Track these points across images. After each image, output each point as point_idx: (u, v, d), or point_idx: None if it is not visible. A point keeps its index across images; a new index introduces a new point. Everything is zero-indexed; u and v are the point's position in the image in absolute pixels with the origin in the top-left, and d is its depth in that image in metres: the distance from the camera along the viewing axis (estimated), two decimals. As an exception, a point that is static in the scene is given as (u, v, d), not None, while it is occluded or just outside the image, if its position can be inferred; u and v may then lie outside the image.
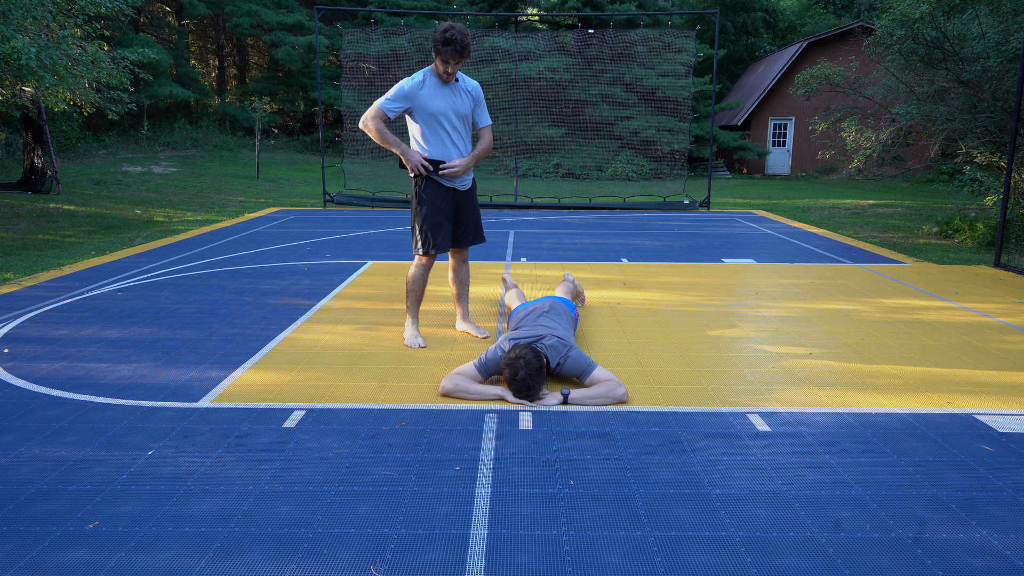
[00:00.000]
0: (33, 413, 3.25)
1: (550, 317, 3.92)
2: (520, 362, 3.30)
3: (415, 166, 4.11)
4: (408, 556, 2.18)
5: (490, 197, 14.10)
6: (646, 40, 20.54)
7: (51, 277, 6.32)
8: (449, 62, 3.92)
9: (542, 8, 27.25)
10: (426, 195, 4.21)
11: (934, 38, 10.07)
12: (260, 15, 25.05)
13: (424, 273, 4.38)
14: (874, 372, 3.91)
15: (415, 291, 4.41)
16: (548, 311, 4.01)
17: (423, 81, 4.05)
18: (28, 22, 8.91)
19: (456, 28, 3.87)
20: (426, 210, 4.21)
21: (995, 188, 10.04)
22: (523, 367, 3.30)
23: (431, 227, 4.22)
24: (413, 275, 4.38)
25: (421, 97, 4.04)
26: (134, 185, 15.67)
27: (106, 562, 2.13)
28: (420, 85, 4.03)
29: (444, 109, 4.08)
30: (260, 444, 2.94)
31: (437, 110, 4.07)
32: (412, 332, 4.41)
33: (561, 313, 4.05)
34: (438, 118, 4.09)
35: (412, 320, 4.44)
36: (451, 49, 3.87)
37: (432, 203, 4.21)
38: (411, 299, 4.43)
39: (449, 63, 3.92)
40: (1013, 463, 2.82)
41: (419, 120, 4.09)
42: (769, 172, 25.76)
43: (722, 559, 2.17)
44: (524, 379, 3.30)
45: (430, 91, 4.06)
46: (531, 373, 3.30)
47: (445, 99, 4.09)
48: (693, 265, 7.25)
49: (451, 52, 3.87)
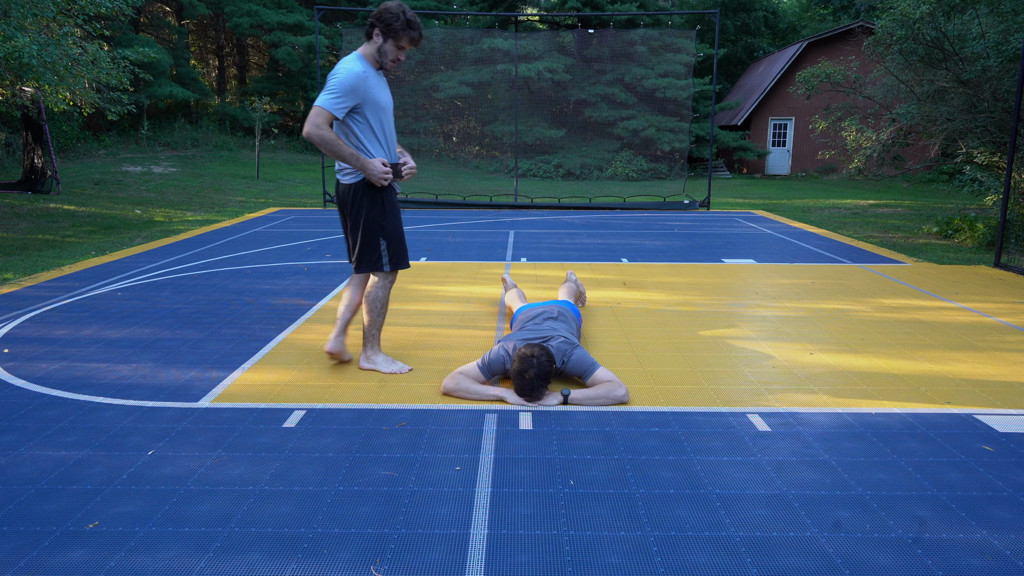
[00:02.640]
0: (33, 413, 3.25)
1: (557, 322, 3.91)
2: (533, 360, 3.30)
3: (381, 178, 3.54)
4: (408, 556, 2.18)
5: (490, 197, 14.09)
6: (646, 40, 20.55)
7: (51, 277, 6.32)
8: (405, 47, 3.52)
9: (542, 8, 27.25)
10: (389, 203, 3.68)
11: (934, 38, 10.07)
12: (260, 15, 25.06)
13: (388, 293, 3.82)
14: (874, 372, 3.91)
15: (384, 314, 3.85)
16: (556, 316, 4.00)
17: (364, 70, 3.48)
18: (28, 21, 8.91)
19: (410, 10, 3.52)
20: (392, 220, 3.70)
21: (995, 188, 10.04)
22: (535, 366, 3.29)
23: (399, 239, 3.73)
24: (382, 298, 3.78)
25: (369, 89, 3.49)
26: (134, 185, 15.67)
27: (106, 562, 2.13)
28: (364, 75, 3.46)
29: (388, 102, 3.64)
30: (260, 444, 2.94)
31: (386, 103, 3.60)
32: (388, 358, 3.90)
33: (568, 320, 4.04)
34: (387, 112, 3.62)
35: (377, 346, 3.88)
36: (416, 33, 3.49)
37: (395, 212, 3.73)
38: (379, 323, 3.84)
39: (404, 48, 3.52)
40: (1013, 463, 2.82)
41: (367, 116, 3.52)
42: (769, 172, 25.75)
43: (722, 559, 2.17)
44: (532, 378, 3.29)
45: (374, 81, 3.54)
46: (540, 374, 3.30)
47: (385, 90, 3.63)
48: (693, 265, 7.24)
49: (415, 36, 3.49)
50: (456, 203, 13.33)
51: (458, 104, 22.01)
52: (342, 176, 3.66)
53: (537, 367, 3.29)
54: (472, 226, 10.40)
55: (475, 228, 10.17)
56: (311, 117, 3.41)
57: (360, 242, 3.67)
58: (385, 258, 3.70)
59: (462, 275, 6.62)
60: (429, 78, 20.92)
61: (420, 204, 13.26)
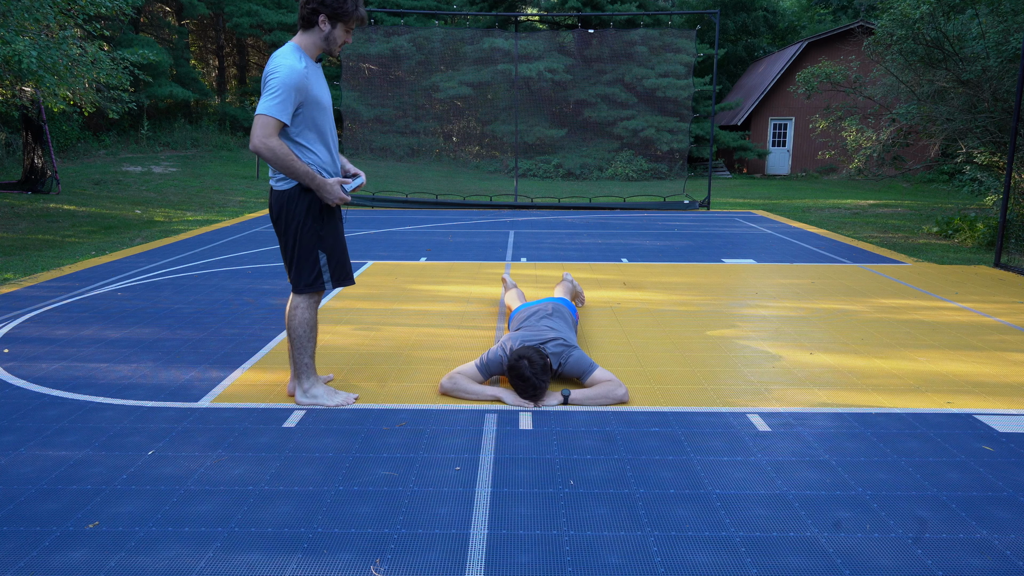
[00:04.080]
0: (33, 413, 3.25)
1: (553, 319, 3.92)
2: (524, 362, 3.30)
3: (337, 200, 3.15)
4: (408, 556, 2.18)
5: (490, 197, 14.09)
6: (646, 40, 20.54)
7: (51, 277, 6.32)
8: (352, 30, 3.16)
9: (542, 8, 27.25)
10: (327, 217, 3.23)
11: (934, 38, 10.08)
12: (260, 15, 25.05)
13: (316, 312, 3.33)
14: (874, 372, 3.91)
15: (314, 337, 3.33)
16: (551, 313, 4.01)
17: (305, 65, 3.05)
18: (28, 23, 8.91)
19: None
20: (331, 232, 3.26)
21: (995, 188, 10.05)
22: (527, 367, 3.29)
23: (340, 254, 3.31)
24: (309, 319, 3.28)
25: (311, 86, 3.05)
26: (134, 185, 15.67)
27: (106, 562, 2.13)
28: (306, 71, 3.03)
29: (328, 100, 3.20)
30: (260, 444, 2.94)
31: (326, 101, 3.17)
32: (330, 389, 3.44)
33: (564, 315, 4.05)
34: (328, 112, 3.18)
35: (313, 371, 3.38)
36: (364, 10, 3.15)
37: (336, 222, 3.31)
38: (311, 348, 3.33)
39: (352, 31, 3.18)
40: (1013, 463, 2.82)
41: (308, 117, 3.08)
42: (769, 172, 25.75)
43: (722, 559, 2.17)
44: (530, 379, 3.29)
45: (315, 77, 3.10)
46: (536, 373, 3.30)
47: (325, 87, 3.21)
48: (693, 265, 7.25)
49: (363, 14, 3.15)
50: (456, 203, 13.33)
51: (458, 104, 22.01)
52: (275, 182, 3.20)
53: (530, 367, 3.28)
54: (472, 226, 10.40)
55: (475, 228, 10.17)
56: (255, 129, 2.96)
57: (297, 257, 3.19)
58: (326, 274, 3.25)
59: (462, 275, 6.62)
60: (429, 78, 20.92)
61: (420, 204, 13.26)
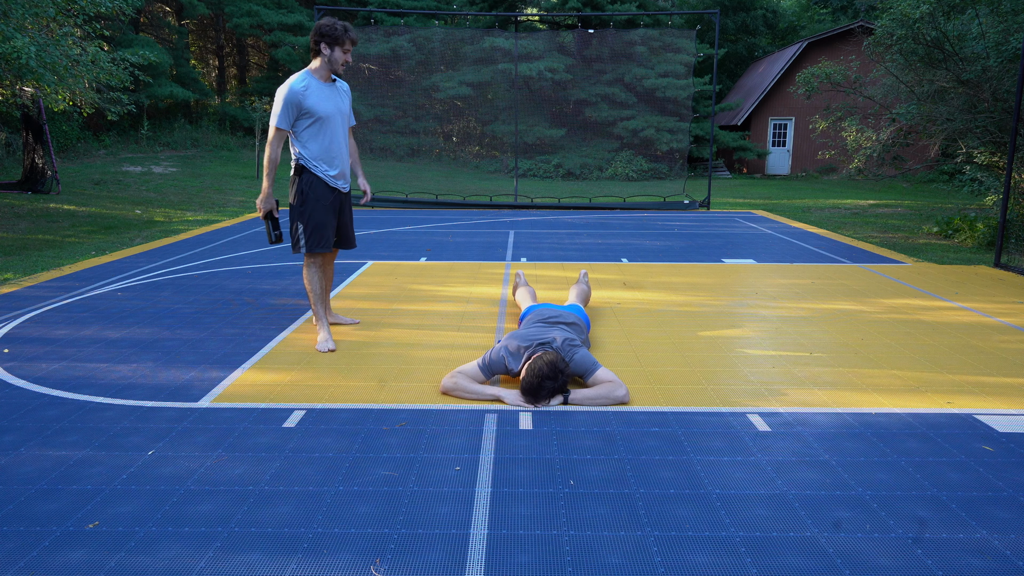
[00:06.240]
0: (33, 413, 3.25)
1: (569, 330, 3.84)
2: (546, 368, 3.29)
3: (266, 211, 4.23)
4: (408, 556, 2.18)
5: (490, 197, 14.09)
6: (646, 40, 20.55)
7: (51, 277, 6.32)
8: (349, 50, 4.07)
9: (542, 8, 27.25)
10: (311, 192, 4.19)
11: (934, 38, 10.08)
12: (260, 15, 25.05)
13: (318, 271, 4.35)
14: (874, 372, 3.91)
15: (316, 291, 4.36)
16: (572, 323, 3.97)
17: (307, 84, 4.06)
18: (28, 21, 8.91)
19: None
20: (311, 208, 4.20)
21: (995, 188, 10.05)
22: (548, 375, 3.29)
23: (317, 225, 4.21)
24: (308, 277, 4.34)
25: (307, 99, 4.05)
26: (134, 185, 15.67)
27: (106, 562, 2.13)
28: (304, 89, 4.04)
29: (332, 112, 4.16)
30: (260, 444, 2.94)
31: (325, 113, 4.12)
32: (324, 336, 4.28)
33: (580, 330, 4.02)
34: (327, 121, 4.14)
35: (322, 323, 4.35)
36: (353, 34, 4.04)
37: (318, 200, 4.21)
38: (314, 300, 4.37)
39: (349, 51, 4.08)
40: (1013, 463, 2.82)
41: (308, 122, 4.09)
42: (769, 172, 25.75)
43: (722, 559, 2.17)
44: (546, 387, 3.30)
45: (316, 93, 4.09)
46: (547, 376, 3.30)
47: (331, 100, 4.17)
48: (693, 265, 7.25)
49: (354, 36, 4.04)
50: (456, 203, 13.33)
51: (458, 104, 22.02)
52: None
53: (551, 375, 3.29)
54: (472, 226, 10.40)
55: (475, 228, 10.17)
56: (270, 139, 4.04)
57: (289, 225, 4.43)
58: (303, 240, 4.23)
59: (462, 275, 6.62)
60: (429, 78, 20.93)
61: (420, 204, 13.26)
